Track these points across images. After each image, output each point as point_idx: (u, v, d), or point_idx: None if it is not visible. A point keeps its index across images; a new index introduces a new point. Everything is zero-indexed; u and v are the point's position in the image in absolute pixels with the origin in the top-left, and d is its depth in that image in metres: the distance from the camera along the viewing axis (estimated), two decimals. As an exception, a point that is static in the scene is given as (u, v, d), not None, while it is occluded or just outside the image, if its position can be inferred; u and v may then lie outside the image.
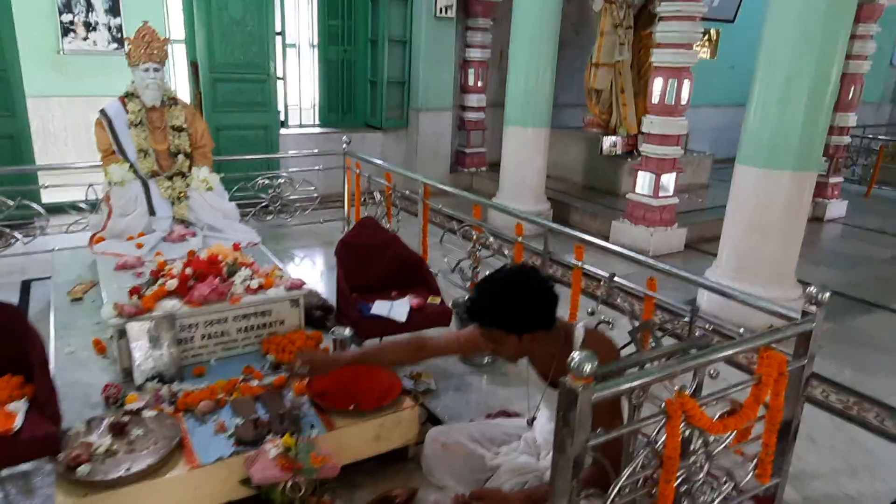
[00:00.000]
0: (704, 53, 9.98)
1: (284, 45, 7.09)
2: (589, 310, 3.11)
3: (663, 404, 1.73)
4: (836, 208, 7.16)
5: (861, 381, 3.33)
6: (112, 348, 2.73)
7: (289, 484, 1.92)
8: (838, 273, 5.24)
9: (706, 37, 10.15)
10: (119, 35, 8.19)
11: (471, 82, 7.81)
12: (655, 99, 5.42)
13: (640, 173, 5.65)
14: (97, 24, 8.01)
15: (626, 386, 1.60)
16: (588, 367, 1.48)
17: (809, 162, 3.79)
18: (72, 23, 7.84)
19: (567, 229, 3.31)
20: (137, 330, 2.48)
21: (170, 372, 2.51)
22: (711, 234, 5.88)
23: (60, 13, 7.70)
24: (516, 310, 1.87)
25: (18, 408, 2.03)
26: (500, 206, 4.01)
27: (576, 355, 1.48)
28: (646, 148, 5.58)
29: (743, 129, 3.97)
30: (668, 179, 5.55)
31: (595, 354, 1.50)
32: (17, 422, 1.97)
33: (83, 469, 1.90)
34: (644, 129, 5.67)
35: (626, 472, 1.69)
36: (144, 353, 2.48)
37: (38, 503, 2.17)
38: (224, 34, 6.11)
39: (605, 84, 7.22)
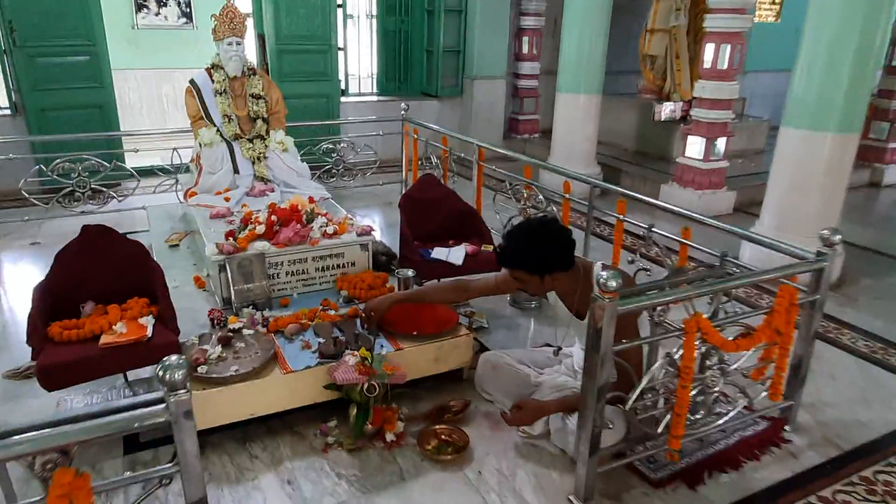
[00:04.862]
0: (769, 17, 9.77)
1: (345, 16, 7.44)
2: (629, 259, 3.39)
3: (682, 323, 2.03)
4: (895, 174, 7.07)
5: (891, 331, 3.48)
6: (210, 282, 3.21)
7: (365, 385, 2.33)
8: (889, 235, 5.29)
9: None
10: (188, 10, 8.72)
11: (525, 50, 7.99)
12: (707, 64, 5.52)
13: (690, 138, 5.78)
14: (168, -1, 8.58)
15: (648, 302, 1.91)
16: (614, 283, 1.80)
17: (852, 125, 3.89)
18: (145, -1, 8.43)
19: (611, 185, 3.59)
20: (236, 265, 2.93)
21: (261, 301, 2.95)
22: (762, 198, 5.95)
23: (134, -11, 8.28)
24: (536, 254, 2.21)
25: (148, 321, 2.50)
26: (549, 165, 4.28)
27: (603, 273, 1.81)
28: (697, 112, 5.70)
29: (788, 92, 4.09)
30: (719, 144, 5.67)
31: (619, 275, 1.82)
32: (149, 331, 2.44)
33: (202, 368, 2.36)
34: (695, 94, 5.77)
35: (647, 377, 2.02)
36: (241, 284, 2.93)
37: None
38: (289, 7, 6.47)
39: (660, 50, 7.27)
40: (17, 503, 1.36)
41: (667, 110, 7.04)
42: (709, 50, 5.47)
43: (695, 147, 5.73)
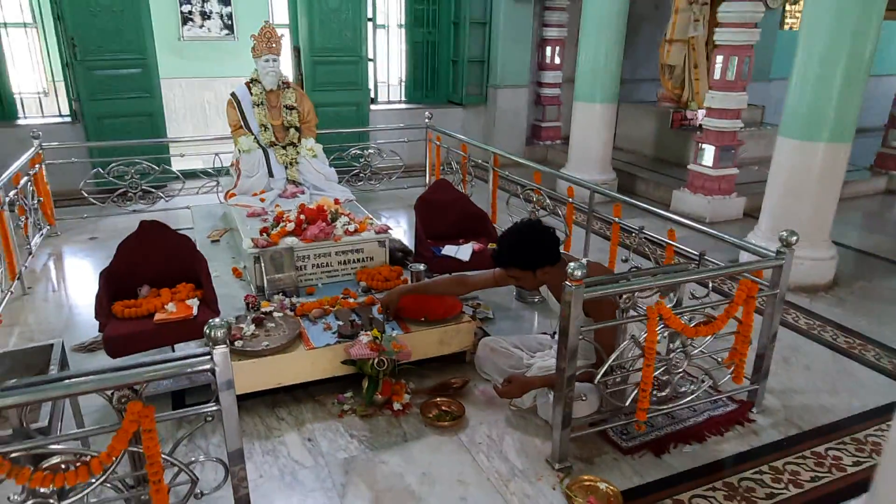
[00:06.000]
0: (797, 25, 9.88)
1: (375, 27, 7.86)
2: (623, 258, 3.69)
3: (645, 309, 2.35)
4: (911, 181, 7.16)
5: (872, 329, 3.70)
6: (246, 272, 3.63)
7: (375, 360, 2.70)
8: (891, 240, 5.45)
9: (797, 6, 10.04)
10: (230, 22, 9.29)
11: (548, 60, 8.29)
12: (717, 75, 5.77)
13: (701, 145, 6.02)
14: (211, 12, 9.16)
15: (611, 290, 2.24)
16: (579, 273, 2.14)
17: (843, 135, 4.11)
18: (190, 12, 9.03)
19: (605, 191, 3.90)
20: (269, 257, 3.34)
21: (290, 289, 3.36)
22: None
23: (181, 4, 8.89)
24: (526, 252, 2.56)
25: (194, 303, 2.92)
26: (555, 172, 4.60)
27: (571, 265, 2.14)
28: (707, 121, 5.95)
29: (785, 103, 4.33)
30: (728, 151, 5.90)
31: (585, 266, 2.16)
32: (195, 311, 2.86)
33: (238, 343, 2.76)
34: (705, 104, 6.02)
35: (614, 355, 2.34)
36: (272, 274, 3.34)
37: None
38: (323, 22, 6.92)
39: (679, 60, 7.49)
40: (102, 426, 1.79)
41: (701, 117, 7.17)
42: (718, 61, 5.71)
43: (705, 154, 5.98)
